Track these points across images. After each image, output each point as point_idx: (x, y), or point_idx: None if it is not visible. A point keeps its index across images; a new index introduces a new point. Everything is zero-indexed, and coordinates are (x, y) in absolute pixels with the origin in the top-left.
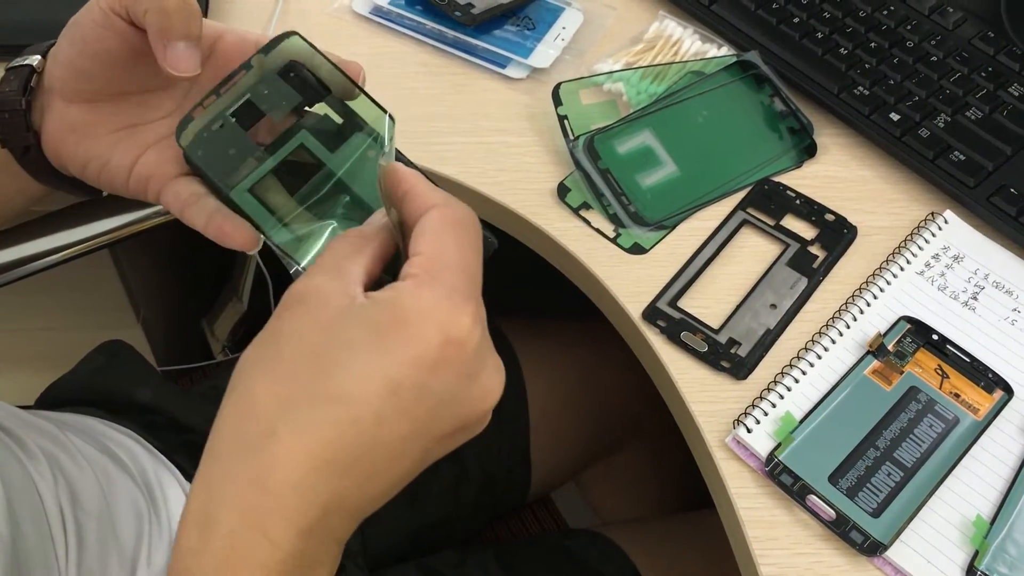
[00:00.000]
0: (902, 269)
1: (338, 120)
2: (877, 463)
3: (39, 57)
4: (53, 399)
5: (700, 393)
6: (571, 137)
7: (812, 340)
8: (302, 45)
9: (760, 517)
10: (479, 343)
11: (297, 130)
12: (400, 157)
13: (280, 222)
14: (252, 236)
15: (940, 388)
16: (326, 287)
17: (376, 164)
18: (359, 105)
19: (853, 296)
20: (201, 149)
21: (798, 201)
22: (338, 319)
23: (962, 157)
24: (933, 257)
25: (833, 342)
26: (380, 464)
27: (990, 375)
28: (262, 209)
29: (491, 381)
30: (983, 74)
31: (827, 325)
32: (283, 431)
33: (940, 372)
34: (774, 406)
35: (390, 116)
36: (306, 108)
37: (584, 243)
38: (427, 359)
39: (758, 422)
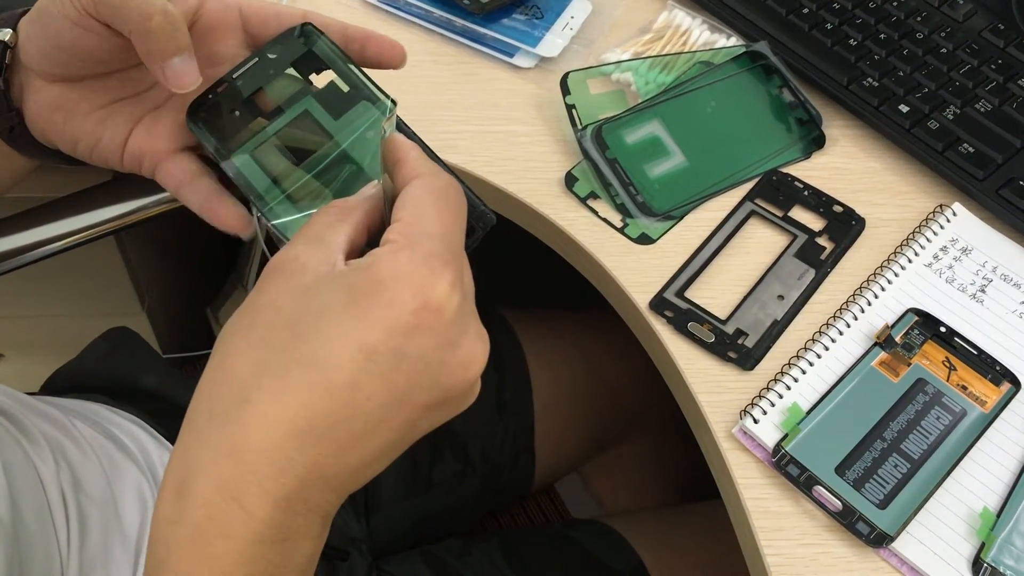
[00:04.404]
0: (910, 261)
1: (344, 88)
2: (884, 455)
3: (10, 31)
4: (58, 385)
5: (707, 384)
6: (579, 127)
7: (819, 331)
8: (315, 35)
9: (766, 508)
10: (458, 309)
11: (303, 96)
12: (404, 129)
13: (282, 193)
14: (245, 220)
15: (947, 380)
16: (305, 255)
17: (377, 135)
18: (367, 79)
19: (861, 288)
20: (203, 116)
21: (806, 192)
22: (315, 286)
23: (971, 149)
24: (941, 249)
25: (840, 333)
26: (359, 432)
27: (997, 367)
28: (264, 177)
29: (473, 349)
30: (993, 66)
31: (834, 316)
32: (257, 398)
33: (947, 364)
34: (781, 397)
35: (393, 101)
36: (312, 77)
37: (591, 233)
38: (403, 323)
39: (765, 413)
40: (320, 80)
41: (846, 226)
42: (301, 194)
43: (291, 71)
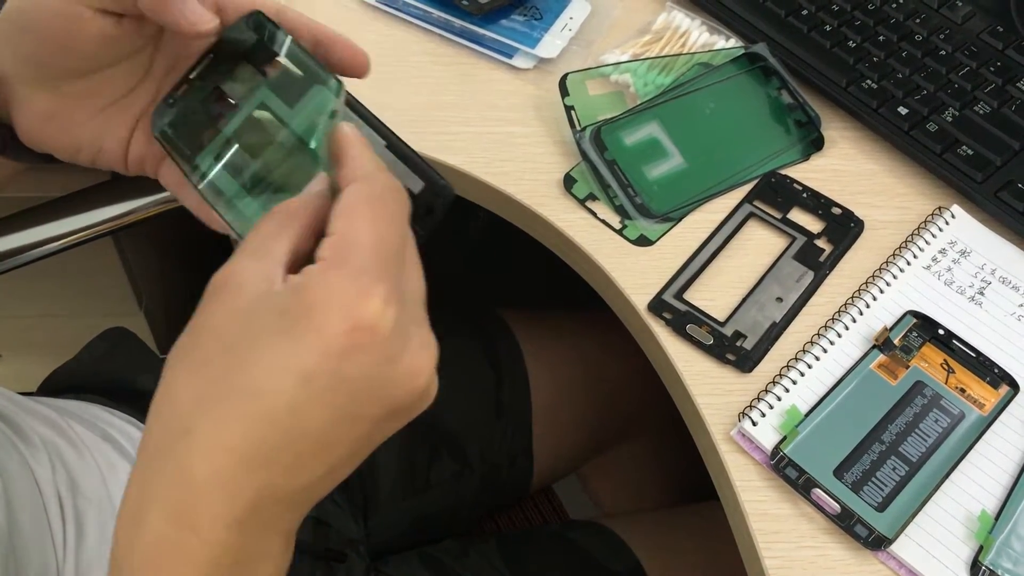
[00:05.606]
0: (908, 263)
1: (298, 72)
2: (882, 457)
3: None
4: (55, 386)
5: (705, 386)
6: (578, 128)
7: (818, 334)
8: (265, 22)
9: (765, 510)
10: (394, 324)
11: (259, 88)
12: (358, 108)
13: (245, 192)
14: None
15: (946, 383)
16: (244, 272)
17: (329, 122)
18: (315, 63)
19: (859, 290)
20: (167, 121)
21: (805, 194)
22: (251, 307)
23: (970, 152)
24: (940, 252)
25: (839, 336)
26: (306, 453)
27: (996, 370)
28: (227, 177)
29: (417, 360)
30: (991, 68)
31: (833, 319)
32: (199, 428)
33: (946, 367)
34: (779, 399)
35: (337, 80)
36: (266, 67)
37: (590, 234)
38: (336, 346)
39: (763, 415)
40: (275, 68)
41: (845, 228)
42: (262, 191)
43: (245, 63)
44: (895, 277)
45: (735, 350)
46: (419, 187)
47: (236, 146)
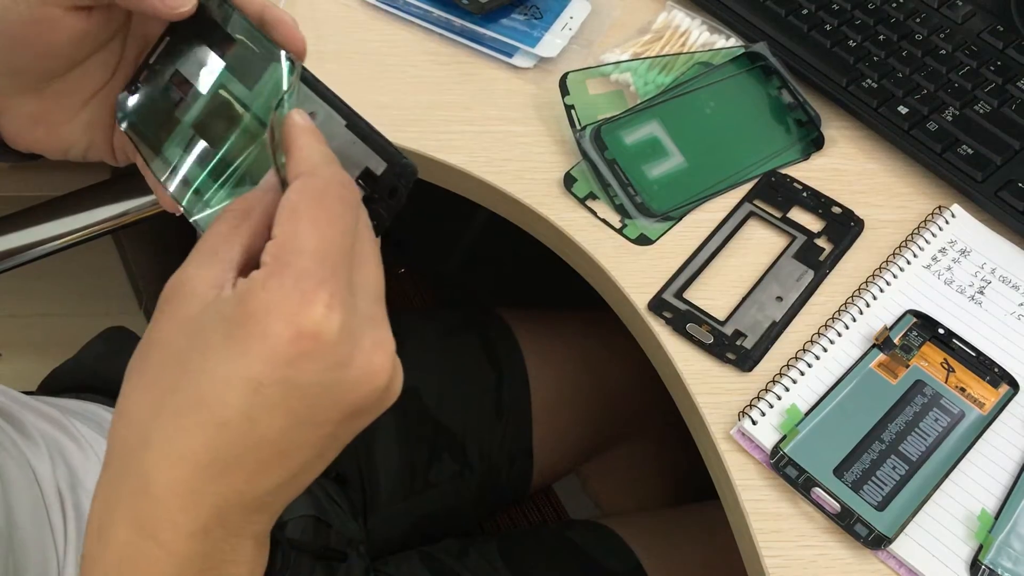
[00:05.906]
0: (909, 263)
1: (256, 50)
2: (882, 456)
3: None
4: (56, 385)
5: (705, 385)
6: (578, 127)
7: (818, 333)
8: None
9: (765, 509)
10: (340, 328)
11: (217, 69)
12: (318, 87)
13: (214, 181)
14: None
15: (946, 382)
16: (195, 279)
17: (288, 102)
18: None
19: (859, 289)
20: (129, 116)
21: (805, 193)
22: (199, 317)
23: (970, 151)
24: (940, 251)
25: (839, 335)
26: (267, 459)
27: (996, 370)
28: (196, 168)
29: (370, 361)
30: (992, 68)
31: (833, 318)
32: (156, 439)
33: (946, 366)
34: (779, 398)
35: (290, 59)
36: (222, 47)
37: (590, 233)
38: (281, 355)
39: (763, 414)
40: (230, 48)
41: (845, 227)
42: (228, 179)
43: (202, 43)
44: (895, 276)
45: (735, 349)
46: (381, 168)
47: (199, 134)
